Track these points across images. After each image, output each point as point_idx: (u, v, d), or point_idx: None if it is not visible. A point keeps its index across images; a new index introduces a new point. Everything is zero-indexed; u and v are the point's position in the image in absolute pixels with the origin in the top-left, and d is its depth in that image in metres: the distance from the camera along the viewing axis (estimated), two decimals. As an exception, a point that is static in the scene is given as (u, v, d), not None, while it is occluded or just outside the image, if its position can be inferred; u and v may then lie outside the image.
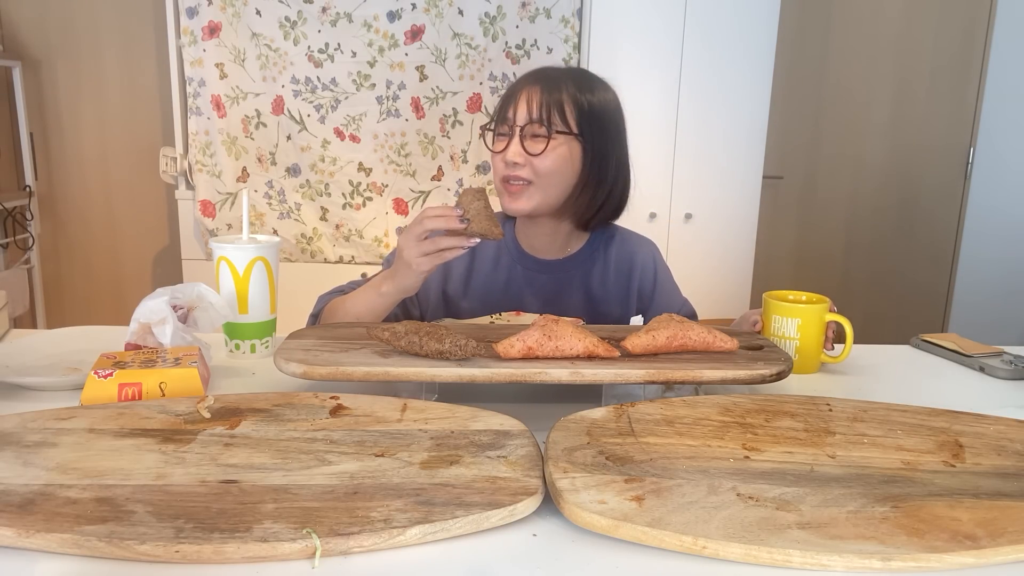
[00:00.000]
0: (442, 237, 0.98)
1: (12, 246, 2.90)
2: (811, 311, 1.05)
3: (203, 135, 2.63)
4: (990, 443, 0.75)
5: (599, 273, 1.25)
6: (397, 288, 1.05)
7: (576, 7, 2.58)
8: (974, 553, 0.57)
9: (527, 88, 1.14)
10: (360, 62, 2.60)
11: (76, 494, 0.61)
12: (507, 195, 1.15)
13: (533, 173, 1.13)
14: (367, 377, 0.83)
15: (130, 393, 0.83)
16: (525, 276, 1.23)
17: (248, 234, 1.12)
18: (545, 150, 1.12)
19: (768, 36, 2.58)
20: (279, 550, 0.55)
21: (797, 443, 0.73)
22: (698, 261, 2.70)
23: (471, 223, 0.98)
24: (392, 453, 0.69)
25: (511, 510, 0.61)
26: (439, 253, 0.98)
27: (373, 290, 1.07)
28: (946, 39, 3.17)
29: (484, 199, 0.99)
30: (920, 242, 3.34)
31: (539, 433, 0.75)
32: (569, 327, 0.89)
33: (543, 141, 1.12)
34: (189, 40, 2.56)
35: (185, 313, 1.01)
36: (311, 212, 2.70)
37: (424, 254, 0.98)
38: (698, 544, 0.57)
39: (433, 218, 0.98)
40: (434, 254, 0.98)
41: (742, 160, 2.67)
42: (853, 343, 1.07)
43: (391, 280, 1.04)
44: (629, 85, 2.56)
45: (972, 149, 3.21)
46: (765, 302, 1.09)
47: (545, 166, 1.13)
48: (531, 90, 1.13)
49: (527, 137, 1.13)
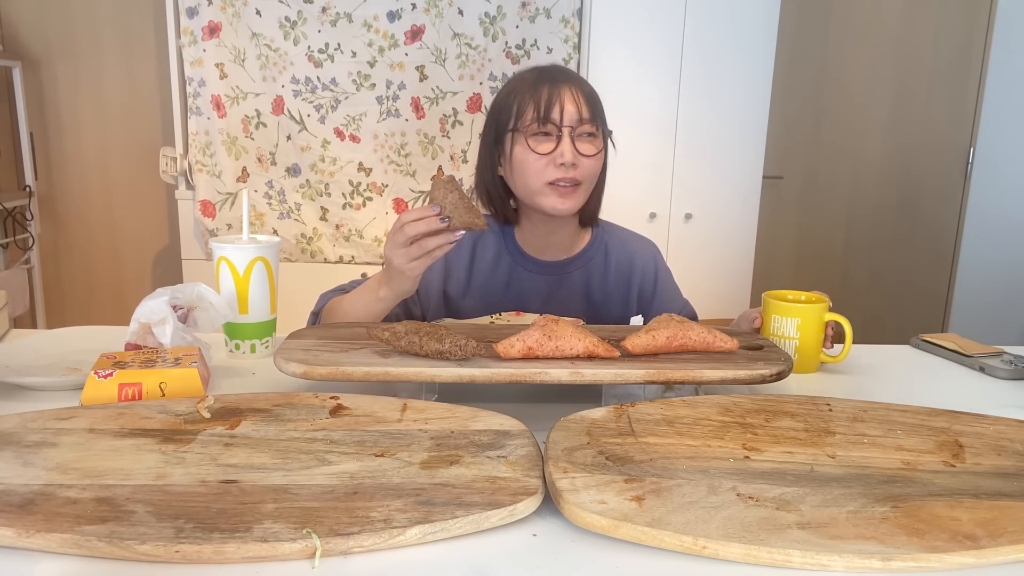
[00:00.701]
0: (427, 238, 0.95)
1: (12, 246, 2.90)
2: (810, 311, 1.05)
3: (203, 135, 2.63)
4: (990, 443, 0.75)
5: (600, 274, 1.25)
6: (394, 293, 1.04)
7: (576, 7, 2.58)
8: (974, 553, 0.57)
9: (566, 85, 1.13)
10: (360, 62, 2.60)
11: (76, 494, 0.61)
12: (557, 196, 1.13)
13: (583, 174, 1.13)
14: (367, 377, 0.83)
15: (130, 393, 0.83)
16: (526, 277, 1.23)
17: (248, 234, 1.12)
18: (600, 151, 1.14)
19: (768, 36, 2.58)
20: (279, 550, 0.55)
21: (797, 443, 0.73)
22: (698, 261, 2.70)
23: (451, 218, 0.94)
24: (392, 453, 0.69)
25: (511, 510, 0.61)
26: (428, 254, 0.96)
27: (371, 294, 1.06)
28: (946, 39, 3.17)
29: (457, 189, 0.96)
30: (920, 242, 3.34)
31: (539, 433, 0.75)
32: (569, 327, 0.89)
33: (595, 141, 1.14)
34: (189, 40, 2.56)
35: (185, 313, 1.01)
36: (311, 212, 2.70)
37: (413, 259, 0.96)
38: (698, 544, 0.57)
39: (412, 223, 0.95)
40: (423, 256, 0.96)
41: (742, 160, 2.67)
42: (853, 343, 1.07)
43: (387, 285, 1.03)
44: (629, 85, 2.58)
45: (972, 149, 3.21)
46: (764, 301, 1.09)
47: (594, 166, 1.15)
48: (572, 89, 1.13)
49: (577, 138, 1.12)
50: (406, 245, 0.96)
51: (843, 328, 1.06)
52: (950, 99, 3.21)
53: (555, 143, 1.12)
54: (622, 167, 2.64)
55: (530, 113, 1.12)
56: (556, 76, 1.15)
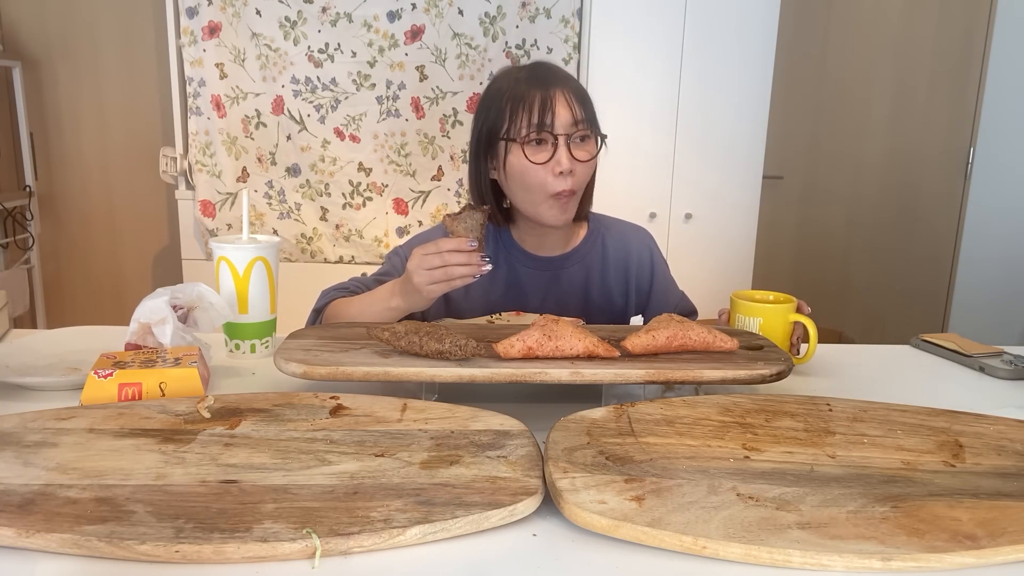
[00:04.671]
0: (454, 267, 0.98)
1: (12, 246, 2.90)
2: (774, 311, 1.04)
3: (203, 135, 2.63)
4: (990, 443, 0.75)
5: (598, 268, 1.25)
6: (407, 305, 1.06)
7: (576, 7, 2.58)
8: (974, 553, 0.57)
9: (557, 89, 1.09)
10: (360, 62, 2.60)
11: (76, 494, 0.61)
12: (559, 209, 1.11)
13: (578, 181, 1.11)
14: (367, 377, 0.83)
15: (130, 393, 0.83)
16: (526, 274, 1.23)
17: (248, 234, 1.12)
18: (595, 156, 1.11)
19: (768, 36, 2.58)
20: (279, 550, 0.55)
21: (797, 443, 0.73)
22: (698, 261, 2.70)
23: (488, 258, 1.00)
24: (392, 453, 0.69)
25: (511, 510, 0.61)
26: (449, 281, 0.99)
27: (382, 302, 1.08)
28: (946, 39, 3.17)
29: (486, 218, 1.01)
30: (920, 242, 3.34)
31: (539, 433, 0.75)
32: (569, 327, 0.89)
33: (589, 145, 1.11)
34: (189, 40, 2.55)
35: (185, 313, 1.01)
36: (311, 212, 2.70)
37: (435, 282, 0.99)
38: (698, 544, 0.57)
39: (452, 253, 0.97)
40: (444, 282, 0.99)
41: (742, 160, 2.67)
42: (853, 343, 1.06)
43: (400, 296, 1.05)
44: (629, 85, 2.58)
45: (972, 149, 3.21)
46: (732, 301, 1.09)
47: (588, 171, 1.12)
48: (564, 92, 1.09)
49: (572, 143, 1.09)
50: (433, 268, 0.98)
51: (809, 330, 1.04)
52: (950, 99, 3.21)
53: (551, 151, 1.09)
54: (622, 167, 2.66)
55: (523, 120, 1.09)
56: (547, 78, 1.11)
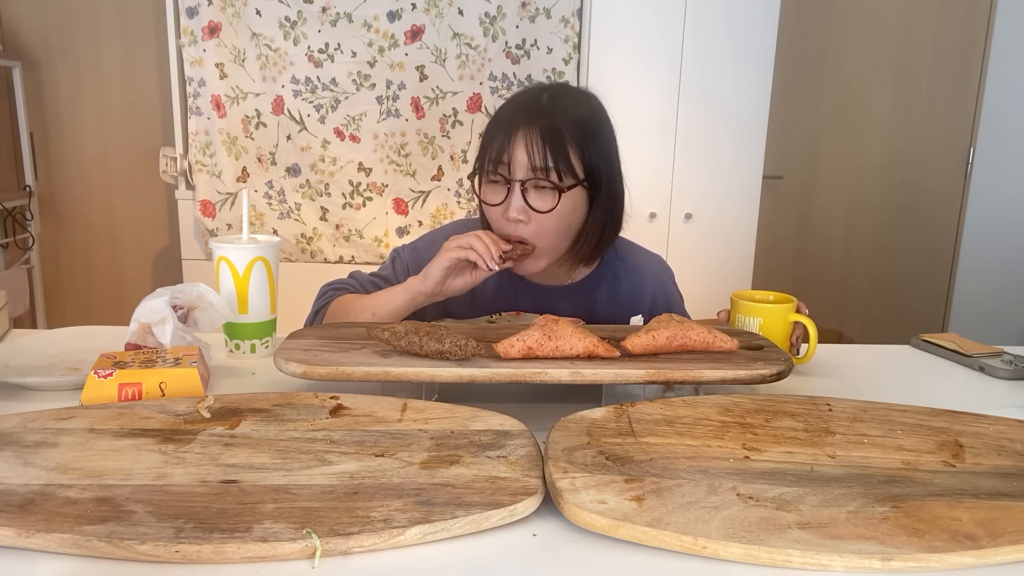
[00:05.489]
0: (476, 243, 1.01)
1: (12, 246, 2.90)
2: (773, 311, 1.04)
3: (203, 135, 2.63)
4: (990, 443, 0.75)
5: (605, 300, 1.19)
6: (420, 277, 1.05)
7: (576, 7, 2.58)
8: (974, 553, 0.57)
9: (523, 129, 1.00)
10: (360, 62, 2.60)
11: (76, 494, 0.61)
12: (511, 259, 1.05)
13: (538, 230, 1.03)
14: (367, 377, 0.83)
15: (130, 393, 0.83)
16: (528, 303, 1.18)
17: (248, 234, 1.12)
18: (556, 207, 1.01)
19: (768, 36, 2.58)
20: (279, 550, 0.55)
21: (797, 443, 0.73)
22: (698, 261, 2.70)
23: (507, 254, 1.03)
24: (392, 453, 0.69)
25: (511, 510, 0.61)
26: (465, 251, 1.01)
27: (400, 286, 1.09)
28: (946, 39, 3.17)
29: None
30: (920, 242, 3.34)
31: (539, 433, 0.75)
32: (569, 327, 0.89)
33: (551, 195, 1.02)
34: (189, 40, 2.55)
35: (185, 313, 1.01)
36: (311, 212, 2.70)
37: (455, 247, 1.01)
38: (698, 544, 0.57)
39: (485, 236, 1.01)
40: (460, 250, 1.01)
41: (742, 160, 2.67)
42: (853, 343, 1.06)
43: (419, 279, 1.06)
44: (629, 84, 2.58)
45: (972, 149, 3.21)
46: (731, 301, 1.09)
47: (550, 223, 1.03)
48: (528, 133, 1.00)
49: (529, 189, 1.02)
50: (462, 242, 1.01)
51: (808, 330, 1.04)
52: (950, 99, 3.21)
53: (505, 193, 1.04)
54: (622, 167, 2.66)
55: (488, 155, 1.04)
56: (529, 112, 1.02)
